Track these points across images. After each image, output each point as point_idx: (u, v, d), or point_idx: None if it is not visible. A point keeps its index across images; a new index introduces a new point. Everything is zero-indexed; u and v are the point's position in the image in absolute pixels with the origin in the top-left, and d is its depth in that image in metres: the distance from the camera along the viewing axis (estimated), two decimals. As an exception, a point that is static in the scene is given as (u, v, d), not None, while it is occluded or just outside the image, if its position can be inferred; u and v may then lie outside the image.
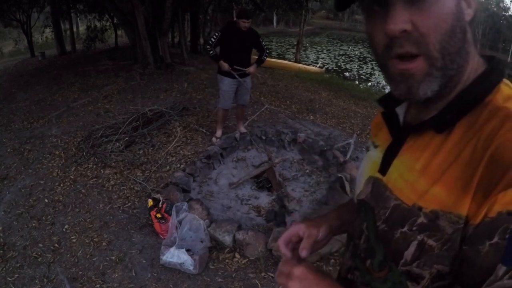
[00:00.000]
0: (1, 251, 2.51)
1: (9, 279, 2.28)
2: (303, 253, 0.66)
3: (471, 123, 0.48)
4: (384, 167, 0.58)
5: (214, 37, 3.54)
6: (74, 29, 15.75)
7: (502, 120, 0.45)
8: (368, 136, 4.71)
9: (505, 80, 0.52)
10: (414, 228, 0.49)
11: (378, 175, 0.59)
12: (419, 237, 0.49)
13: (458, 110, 0.50)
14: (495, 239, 0.40)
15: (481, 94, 0.50)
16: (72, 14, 14.05)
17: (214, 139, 3.89)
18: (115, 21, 11.95)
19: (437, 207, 0.47)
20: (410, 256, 0.50)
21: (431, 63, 0.47)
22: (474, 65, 0.52)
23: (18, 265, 2.38)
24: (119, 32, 13.09)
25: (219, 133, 3.94)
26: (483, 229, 0.42)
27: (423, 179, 0.50)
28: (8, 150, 4.18)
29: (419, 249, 0.49)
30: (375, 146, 0.66)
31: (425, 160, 0.51)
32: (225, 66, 3.51)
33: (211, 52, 3.54)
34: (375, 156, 0.63)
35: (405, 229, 0.51)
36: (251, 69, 3.72)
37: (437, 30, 0.45)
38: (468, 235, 0.44)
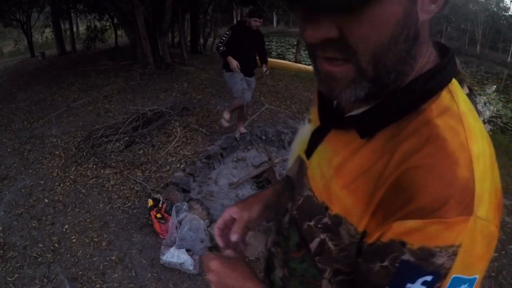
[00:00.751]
0: (1, 251, 2.51)
1: (9, 279, 2.28)
2: (233, 237, 0.67)
3: (395, 132, 0.43)
4: (309, 150, 0.55)
5: (225, 35, 3.50)
6: (74, 29, 15.75)
7: (424, 141, 0.40)
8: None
9: (453, 82, 0.46)
10: (319, 226, 0.49)
11: (304, 157, 0.56)
12: (322, 236, 0.49)
13: (386, 116, 0.44)
14: (386, 263, 0.40)
15: (417, 101, 0.43)
16: (72, 14, 14.04)
17: (237, 134, 3.91)
18: (115, 21, 11.95)
19: (342, 212, 0.46)
20: (313, 249, 0.51)
21: (360, 72, 0.41)
22: (423, 62, 0.45)
23: (18, 265, 2.38)
24: (119, 32, 13.08)
25: (243, 128, 3.98)
26: (376, 250, 0.41)
27: (335, 179, 0.47)
28: (8, 150, 4.18)
29: (320, 247, 0.49)
30: (309, 121, 0.61)
31: (342, 159, 0.48)
32: (234, 63, 3.47)
33: (221, 48, 3.48)
34: (306, 133, 0.59)
35: (312, 223, 0.50)
36: (265, 68, 3.78)
37: (369, 42, 0.39)
38: (363, 250, 0.44)
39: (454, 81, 0.47)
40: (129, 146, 3.90)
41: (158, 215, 2.54)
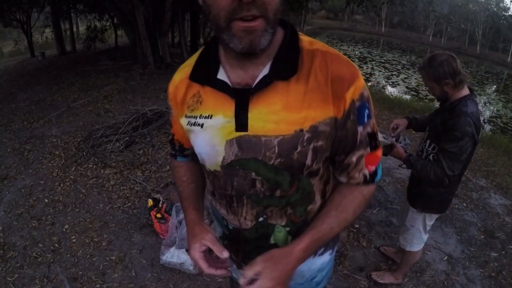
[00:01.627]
0: (1, 251, 2.51)
1: (9, 279, 2.28)
2: (225, 253, 0.77)
3: (302, 65, 0.69)
4: (241, 125, 0.70)
5: None
6: (74, 29, 15.74)
7: (323, 57, 0.69)
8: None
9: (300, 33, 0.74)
10: (305, 144, 0.70)
11: (239, 133, 0.71)
12: (311, 146, 0.70)
13: (290, 58, 0.69)
14: (352, 117, 0.71)
15: (296, 44, 0.71)
16: (72, 14, 14.04)
17: None
18: (115, 21, 11.95)
19: (312, 122, 0.68)
20: (310, 161, 0.72)
21: (267, 22, 0.61)
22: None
23: (18, 265, 2.38)
24: (119, 32, 13.09)
25: None
26: (345, 116, 0.70)
27: (287, 113, 0.68)
28: (8, 150, 4.18)
29: (314, 153, 0.71)
30: (208, 117, 0.75)
31: (282, 101, 0.68)
32: None
33: None
34: (218, 123, 0.73)
35: (298, 149, 0.70)
36: None
37: (275, 1, 0.61)
38: (338, 124, 0.71)
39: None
40: (129, 146, 3.90)
41: (158, 215, 2.54)
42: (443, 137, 1.63)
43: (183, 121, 0.81)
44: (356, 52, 23.38)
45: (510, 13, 41.27)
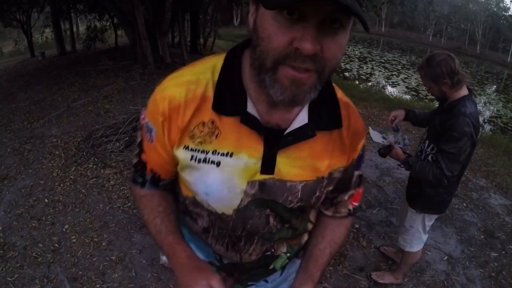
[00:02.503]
0: (1, 251, 2.51)
1: (9, 279, 2.28)
2: None
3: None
4: (268, 168, 0.66)
5: None
6: (74, 29, 15.74)
7: (346, 109, 0.71)
8: (367, 136, 4.71)
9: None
10: (323, 190, 0.73)
11: (264, 176, 0.67)
12: (325, 190, 0.74)
13: (332, 110, 0.69)
14: (354, 163, 0.76)
15: (334, 94, 0.70)
16: (72, 14, 14.03)
17: None
18: (115, 21, 11.94)
19: (330, 169, 0.71)
20: (319, 203, 0.76)
21: (319, 79, 0.54)
22: None
23: (18, 265, 2.38)
24: (119, 32, 13.08)
25: None
26: (350, 163, 0.75)
27: (313, 160, 0.68)
28: (8, 150, 4.18)
29: (324, 195, 0.75)
30: (227, 154, 0.65)
31: (310, 148, 0.68)
32: None
33: None
34: (240, 163, 0.65)
35: (317, 194, 0.73)
36: None
37: (336, 58, 0.53)
38: (344, 170, 0.74)
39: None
40: (129, 146, 3.90)
41: (158, 215, 2.54)
42: (442, 138, 1.62)
43: (181, 153, 0.67)
44: (356, 52, 23.38)
45: (510, 13, 41.30)
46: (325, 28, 0.49)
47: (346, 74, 15.47)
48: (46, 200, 3.10)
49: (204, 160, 0.66)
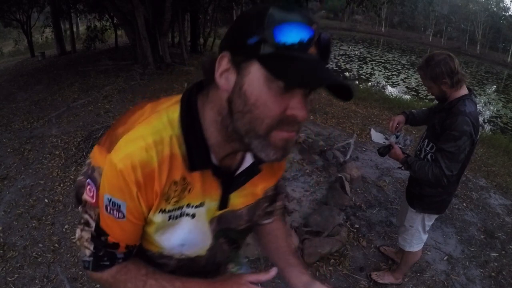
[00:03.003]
0: (1, 251, 2.51)
1: (9, 279, 2.28)
2: (273, 271, 0.81)
3: None
4: (224, 204, 0.72)
5: None
6: (74, 29, 15.74)
7: None
8: (367, 136, 4.71)
9: None
10: (261, 207, 0.84)
11: (220, 212, 0.73)
12: (262, 207, 0.85)
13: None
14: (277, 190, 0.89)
15: None
16: (72, 14, 14.04)
17: None
18: (115, 21, 11.94)
19: (264, 190, 0.80)
20: (261, 219, 0.88)
21: (296, 136, 0.61)
22: None
23: (18, 265, 2.38)
24: (119, 32, 13.08)
25: None
26: (279, 179, 0.86)
27: (252, 186, 0.77)
28: (8, 150, 4.18)
29: (261, 211, 0.86)
30: (200, 205, 0.69)
31: (250, 181, 0.74)
32: None
33: None
34: (204, 209, 0.70)
35: (258, 212, 0.84)
36: None
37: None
38: (275, 186, 0.86)
39: None
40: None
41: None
42: (441, 137, 1.63)
43: (157, 217, 0.65)
44: (356, 52, 23.37)
45: (510, 13, 41.29)
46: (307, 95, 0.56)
47: (346, 74, 15.48)
48: (46, 200, 3.10)
49: (181, 215, 0.67)
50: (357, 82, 12.87)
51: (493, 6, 40.99)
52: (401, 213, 2.19)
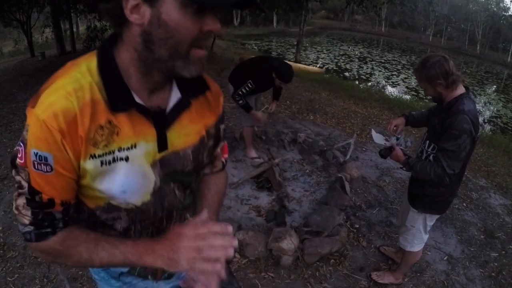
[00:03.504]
0: (1, 251, 2.51)
1: (9, 279, 2.28)
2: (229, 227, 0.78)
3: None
4: (163, 146, 0.73)
5: (247, 89, 3.16)
6: (74, 29, 15.75)
7: (204, 76, 0.81)
8: (368, 136, 4.71)
9: None
10: (206, 146, 0.84)
11: (161, 154, 0.74)
12: (207, 147, 0.85)
13: (197, 78, 0.72)
14: (220, 118, 0.89)
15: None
16: (72, 14, 14.05)
17: (251, 160, 3.67)
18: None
19: (206, 128, 0.82)
20: (206, 158, 0.87)
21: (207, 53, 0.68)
22: None
23: (18, 265, 2.38)
24: (119, 32, 13.08)
25: (253, 153, 3.75)
26: (218, 119, 0.87)
27: (193, 124, 0.78)
28: (8, 150, 4.18)
29: (207, 151, 0.86)
30: (132, 147, 0.69)
31: (188, 117, 0.77)
32: (259, 117, 3.34)
33: (241, 102, 3.22)
34: (142, 151, 0.71)
35: (204, 152, 0.84)
36: (273, 106, 3.62)
37: None
38: (215, 125, 0.86)
39: None
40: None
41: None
42: (442, 136, 1.64)
43: (89, 164, 0.66)
44: (356, 52, 23.37)
45: (510, 13, 41.31)
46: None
47: (346, 74, 15.48)
48: (46, 200, 3.10)
49: (114, 160, 0.68)
50: (357, 82, 12.87)
51: (493, 6, 41.02)
52: (401, 213, 2.19)
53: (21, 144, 0.65)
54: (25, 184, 0.67)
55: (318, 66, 15.02)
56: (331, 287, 2.20)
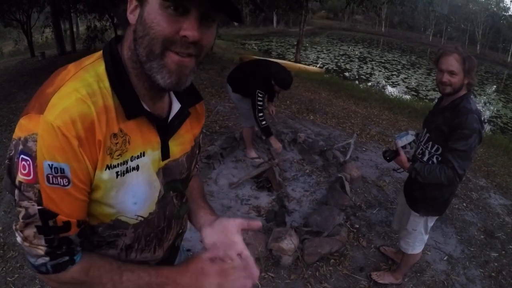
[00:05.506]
0: (1, 251, 2.51)
1: (9, 279, 2.28)
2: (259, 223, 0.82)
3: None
4: (166, 154, 0.74)
5: (260, 99, 3.13)
6: (74, 29, 15.75)
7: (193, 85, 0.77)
8: (368, 136, 4.71)
9: None
10: (195, 155, 0.88)
11: (164, 162, 0.74)
12: (196, 154, 0.89)
13: (191, 87, 0.74)
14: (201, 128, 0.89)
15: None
16: (72, 14, 14.05)
17: (251, 160, 3.68)
18: (115, 21, 11.95)
19: (195, 137, 0.85)
20: (193, 167, 0.89)
21: (197, 62, 0.64)
22: None
23: (18, 265, 2.38)
24: (119, 32, 13.09)
25: (253, 153, 3.76)
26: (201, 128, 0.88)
27: (186, 133, 0.80)
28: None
29: (196, 160, 0.89)
30: (141, 155, 0.68)
31: (184, 126, 0.78)
32: (279, 147, 3.32)
33: (264, 123, 3.18)
34: (149, 159, 0.70)
35: (194, 160, 0.87)
36: (272, 108, 3.72)
37: (210, 44, 0.65)
38: (200, 133, 0.88)
39: None
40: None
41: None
42: (451, 137, 1.62)
43: (105, 175, 0.61)
44: (356, 52, 23.37)
45: (510, 13, 41.30)
46: (203, 21, 0.60)
47: (346, 74, 15.47)
48: (46, 200, 3.10)
49: (128, 170, 0.65)
50: (357, 82, 12.87)
51: (493, 6, 41.01)
52: (399, 217, 2.17)
53: (26, 156, 0.55)
54: (34, 210, 0.57)
55: (318, 66, 15.01)
56: (331, 287, 2.20)
